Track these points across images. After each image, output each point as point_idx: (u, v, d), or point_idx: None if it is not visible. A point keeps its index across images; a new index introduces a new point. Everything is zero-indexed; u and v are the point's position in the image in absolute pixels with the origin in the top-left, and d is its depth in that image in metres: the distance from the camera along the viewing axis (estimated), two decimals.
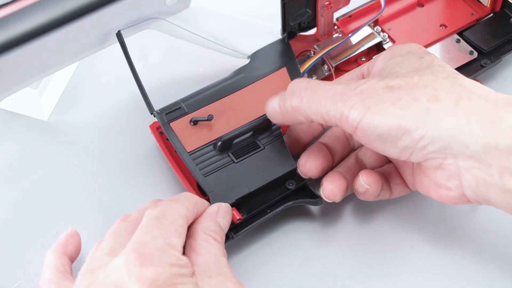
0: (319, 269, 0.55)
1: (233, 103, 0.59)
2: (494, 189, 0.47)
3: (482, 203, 0.49)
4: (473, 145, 0.47)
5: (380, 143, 0.50)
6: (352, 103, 0.50)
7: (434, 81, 0.49)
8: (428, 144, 0.48)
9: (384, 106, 0.49)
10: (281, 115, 0.54)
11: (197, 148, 0.56)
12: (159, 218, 0.48)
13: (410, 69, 0.51)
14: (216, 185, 0.55)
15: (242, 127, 0.57)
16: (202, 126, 0.57)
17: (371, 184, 0.53)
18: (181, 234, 0.48)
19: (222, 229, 0.51)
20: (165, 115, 0.57)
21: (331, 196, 0.54)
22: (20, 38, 0.49)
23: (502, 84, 0.65)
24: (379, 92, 0.50)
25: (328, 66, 0.63)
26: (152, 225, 0.47)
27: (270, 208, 0.56)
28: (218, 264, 0.48)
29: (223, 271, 0.48)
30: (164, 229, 0.47)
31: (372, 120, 0.49)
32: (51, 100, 0.66)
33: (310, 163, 0.55)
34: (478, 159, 0.47)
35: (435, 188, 0.51)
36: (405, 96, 0.49)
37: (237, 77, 0.60)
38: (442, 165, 0.49)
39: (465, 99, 0.48)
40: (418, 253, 0.56)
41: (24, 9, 0.49)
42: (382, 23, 0.66)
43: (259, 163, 0.56)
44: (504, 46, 0.64)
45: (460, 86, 0.49)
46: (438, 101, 0.48)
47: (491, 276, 0.54)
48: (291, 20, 0.61)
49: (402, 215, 0.57)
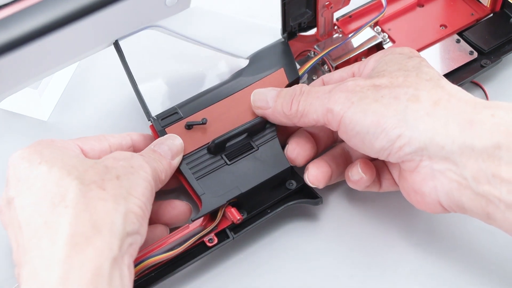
0: (319, 269, 0.55)
1: (229, 106, 0.59)
2: (468, 192, 0.48)
3: (456, 210, 0.50)
4: (449, 146, 0.47)
5: (359, 141, 0.51)
6: (336, 98, 0.51)
7: (417, 83, 0.50)
8: (404, 144, 0.49)
9: (367, 102, 0.50)
10: (271, 112, 0.56)
11: (191, 152, 0.56)
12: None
13: (397, 68, 0.52)
14: (208, 188, 0.55)
15: (235, 129, 0.57)
16: (197, 130, 0.57)
17: (366, 173, 0.54)
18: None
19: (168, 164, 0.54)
20: (160, 120, 0.58)
21: (315, 182, 0.55)
22: (22, 39, 0.49)
23: (502, 84, 0.65)
24: (364, 89, 0.51)
25: (328, 66, 0.63)
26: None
27: (270, 208, 0.56)
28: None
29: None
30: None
31: (353, 115, 0.50)
32: (51, 100, 0.66)
33: (299, 150, 0.56)
34: (453, 161, 0.48)
35: (414, 194, 0.51)
36: (388, 94, 0.50)
37: (235, 80, 0.60)
38: (418, 167, 0.50)
39: (444, 101, 0.49)
40: (417, 254, 0.56)
41: (26, 10, 0.49)
42: (382, 23, 0.66)
43: (252, 164, 0.56)
44: (504, 46, 0.64)
45: (442, 88, 0.50)
46: (418, 101, 0.49)
47: (490, 277, 0.54)
48: (291, 20, 0.61)
49: (402, 216, 0.57)
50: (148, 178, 0.50)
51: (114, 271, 0.44)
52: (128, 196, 0.47)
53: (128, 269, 0.46)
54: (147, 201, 0.49)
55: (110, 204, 0.46)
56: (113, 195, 0.47)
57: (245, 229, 0.54)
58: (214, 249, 0.54)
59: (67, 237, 0.44)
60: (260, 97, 0.57)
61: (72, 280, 0.43)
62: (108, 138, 0.55)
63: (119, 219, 0.46)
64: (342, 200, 0.59)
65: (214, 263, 0.56)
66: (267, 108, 0.56)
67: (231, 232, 0.54)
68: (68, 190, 0.46)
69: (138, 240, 0.48)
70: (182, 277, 0.55)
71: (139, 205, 0.48)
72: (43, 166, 0.48)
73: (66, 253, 0.43)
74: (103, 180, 0.47)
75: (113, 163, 0.50)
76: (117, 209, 0.46)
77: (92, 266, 0.43)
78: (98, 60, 0.68)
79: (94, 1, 0.51)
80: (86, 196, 0.46)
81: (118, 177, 0.48)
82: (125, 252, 0.46)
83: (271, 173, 0.56)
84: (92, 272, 0.43)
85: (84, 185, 0.47)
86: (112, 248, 0.45)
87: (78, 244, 0.44)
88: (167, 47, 0.69)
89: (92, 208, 0.45)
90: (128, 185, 0.48)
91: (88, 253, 0.44)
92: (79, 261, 0.43)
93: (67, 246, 0.44)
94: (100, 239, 0.44)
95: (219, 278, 0.55)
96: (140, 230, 0.48)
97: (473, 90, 0.64)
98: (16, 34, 0.48)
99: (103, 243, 0.44)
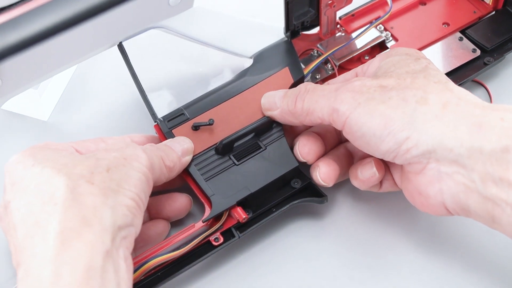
0: (319, 270, 0.55)
1: (234, 106, 0.58)
2: (475, 195, 0.47)
3: (461, 214, 0.50)
4: (457, 148, 0.47)
5: (364, 142, 0.51)
6: (343, 98, 0.51)
7: (425, 85, 0.50)
8: (412, 147, 0.49)
9: (374, 104, 0.50)
10: (279, 112, 0.56)
11: (199, 153, 0.56)
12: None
13: (405, 70, 0.52)
14: (217, 188, 0.55)
15: (243, 129, 0.57)
16: (204, 131, 0.57)
17: (380, 171, 0.53)
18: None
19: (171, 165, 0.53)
20: (167, 122, 0.57)
21: (326, 179, 0.55)
22: (28, 41, 0.48)
23: (505, 81, 0.65)
24: (371, 90, 0.51)
25: (331, 65, 0.63)
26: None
27: (276, 207, 0.55)
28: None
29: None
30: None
31: (360, 117, 0.50)
32: (51, 100, 0.65)
33: (310, 145, 0.55)
34: (461, 164, 0.47)
35: (418, 196, 0.51)
36: (395, 96, 0.50)
37: (240, 80, 0.60)
38: (424, 169, 0.49)
39: (453, 104, 0.49)
40: (418, 254, 0.56)
41: (30, 12, 0.49)
42: (385, 22, 0.66)
43: (261, 164, 0.56)
44: (507, 44, 0.64)
45: (450, 91, 0.50)
46: (426, 103, 0.49)
47: (491, 277, 0.54)
48: (294, 19, 0.61)
49: (402, 217, 0.57)
50: (142, 169, 0.50)
51: (108, 264, 0.44)
52: (118, 188, 0.47)
53: (124, 262, 0.45)
54: (141, 192, 0.49)
55: (98, 198, 0.46)
56: (102, 188, 0.46)
57: (251, 228, 0.54)
58: (220, 248, 0.53)
59: (56, 234, 0.44)
60: (269, 100, 0.57)
61: (64, 276, 0.42)
62: (105, 140, 0.55)
63: (108, 213, 0.46)
64: (347, 199, 0.59)
65: (219, 263, 0.56)
66: (276, 109, 0.56)
67: (236, 231, 0.54)
68: (57, 188, 0.46)
69: (132, 232, 0.47)
70: (187, 276, 0.55)
71: (131, 197, 0.47)
72: (35, 168, 0.48)
73: (57, 249, 0.43)
74: (92, 174, 0.47)
75: (105, 155, 0.49)
76: (106, 203, 0.46)
77: (83, 261, 0.43)
78: (99, 60, 0.67)
79: (100, 3, 0.50)
80: (74, 192, 0.46)
81: (108, 169, 0.48)
82: (119, 245, 0.46)
83: (280, 173, 0.55)
84: (84, 266, 0.43)
85: (72, 181, 0.46)
86: (104, 241, 0.44)
87: (68, 240, 0.44)
88: (170, 48, 0.69)
89: (80, 203, 0.45)
90: (119, 177, 0.48)
91: (78, 247, 0.43)
92: (70, 257, 0.43)
93: (57, 243, 0.43)
94: (90, 233, 0.44)
95: (224, 277, 0.55)
96: (134, 222, 0.47)
97: (476, 89, 0.64)
98: (21, 37, 0.48)
99: (94, 237, 0.44)
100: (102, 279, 0.43)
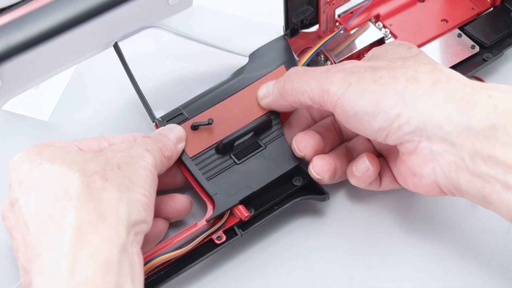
0: (319, 269, 0.55)
1: (233, 105, 0.59)
2: (465, 174, 0.48)
3: (454, 192, 0.50)
4: (446, 125, 0.48)
5: (356, 121, 0.51)
6: (333, 79, 0.52)
7: (416, 65, 0.51)
8: (403, 124, 0.49)
9: (365, 83, 0.50)
10: (272, 97, 0.56)
11: (199, 152, 0.56)
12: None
13: (396, 56, 0.53)
14: (219, 188, 0.55)
15: (242, 129, 0.57)
16: (203, 131, 0.57)
17: (373, 165, 0.54)
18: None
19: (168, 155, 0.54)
20: (166, 122, 0.57)
21: (320, 172, 0.55)
22: (26, 43, 0.48)
23: (504, 77, 0.65)
24: (362, 70, 0.51)
25: (331, 62, 0.63)
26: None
27: (278, 205, 0.56)
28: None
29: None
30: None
31: (351, 97, 0.50)
32: (51, 100, 0.65)
33: (307, 139, 0.56)
34: (450, 142, 0.48)
35: (411, 177, 0.51)
36: (386, 75, 0.50)
37: (236, 79, 0.60)
38: (416, 149, 0.50)
39: (443, 82, 0.49)
40: (418, 253, 0.56)
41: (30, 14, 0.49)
42: (384, 19, 0.66)
43: (261, 163, 0.56)
44: (505, 40, 0.64)
45: (440, 71, 0.51)
46: (417, 81, 0.50)
47: (490, 275, 0.54)
48: (293, 17, 0.61)
49: (402, 216, 0.58)
50: (148, 167, 0.50)
51: (124, 259, 0.44)
52: (131, 185, 0.48)
53: (137, 258, 0.46)
54: (151, 189, 0.49)
55: (114, 194, 0.46)
56: (116, 185, 0.47)
57: (253, 226, 0.54)
58: (223, 247, 0.54)
59: (73, 228, 0.44)
60: (264, 89, 0.58)
61: (81, 270, 0.43)
62: (108, 138, 0.55)
63: (124, 207, 0.46)
64: (348, 198, 0.59)
65: (221, 261, 0.56)
66: (269, 95, 0.57)
67: (239, 229, 0.54)
68: (70, 184, 0.46)
69: (145, 228, 0.48)
70: (189, 275, 0.55)
71: (143, 193, 0.48)
72: (44, 165, 0.48)
73: (74, 243, 0.43)
74: (105, 171, 0.48)
75: (113, 154, 0.50)
76: (122, 198, 0.46)
77: (101, 255, 0.43)
78: (99, 60, 0.67)
79: (100, 4, 0.50)
80: (89, 187, 0.46)
81: (119, 167, 0.48)
82: (133, 240, 0.46)
83: (281, 171, 0.56)
84: (101, 260, 0.43)
85: (86, 177, 0.47)
86: (120, 235, 0.45)
87: (85, 234, 0.44)
88: (166, 47, 0.69)
89: (96, 198, 0.46)
90: (130, 174, 0.48)
91: (96, 242, 0.44)
92: (87, 251, 0.43)
93: (74, 237, 0.44)
94: (107, 227, 0.44)
95: (226, 275, 0.55)
96: (147, 219, 0.48)
97: None
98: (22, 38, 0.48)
99: (110, 231, 0.44)
100: (118, 273, 0.43)
